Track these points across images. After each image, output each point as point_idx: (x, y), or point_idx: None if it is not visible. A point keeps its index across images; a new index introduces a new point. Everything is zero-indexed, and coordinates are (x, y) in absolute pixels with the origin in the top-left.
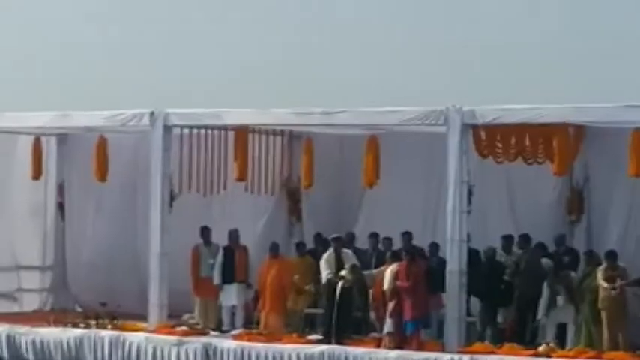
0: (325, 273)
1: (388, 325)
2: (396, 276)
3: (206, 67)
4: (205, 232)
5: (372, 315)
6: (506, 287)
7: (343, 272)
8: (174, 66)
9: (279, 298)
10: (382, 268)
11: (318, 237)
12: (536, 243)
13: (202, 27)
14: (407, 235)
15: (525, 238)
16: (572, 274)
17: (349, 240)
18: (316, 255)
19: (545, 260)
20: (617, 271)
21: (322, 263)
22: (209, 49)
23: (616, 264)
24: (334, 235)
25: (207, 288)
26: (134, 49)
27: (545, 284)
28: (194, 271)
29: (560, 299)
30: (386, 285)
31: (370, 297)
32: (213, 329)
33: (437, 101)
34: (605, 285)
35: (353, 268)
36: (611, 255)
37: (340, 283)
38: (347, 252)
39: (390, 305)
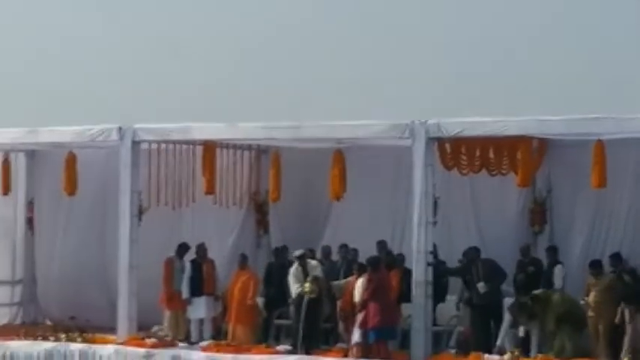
0: (294, 287)
1: (356, 335)
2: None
3: (174, 82)
4: (182, 248)
5: (341, 326)
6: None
7: (306, 285)
8: (142, 81)
9: (247, 309)
10: (349, 279)
11: (277, 251)
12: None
13: (170, 42)
14: (381, 244)
15: (475, 250)
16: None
17: (326, 253)
18: (271, 268)
19: (507, 299)
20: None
21: (290, 278)
22: (177, 64)
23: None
24: (298, 253)
25: (178, 301)
26: (102, 63)
27: (506, 312)
28: (167, 283)
29: (521, 330)
30: (357, 297)
31: (338, 308)
32: (182, 340)
33: (402, 115)
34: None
35: (314, 279)
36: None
37: (306, 297)
38: (311, 263)
39: (359, 316)
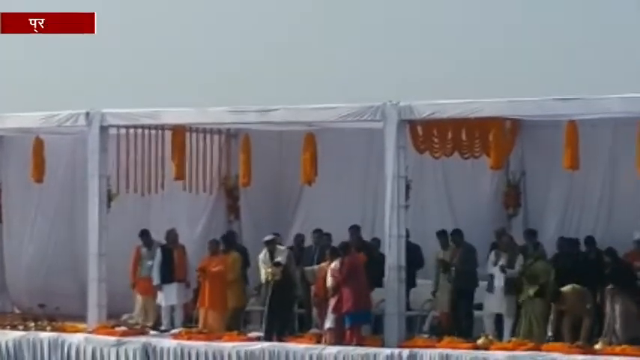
0: (262, 272)
1: (329, 321)
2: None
3: (142, 66)
4: (144, 235)
5: (314, 312)
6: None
7: (269, 270)
8: (109, 65)
9: (219, 295)
10: (323, 264)
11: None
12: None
13: (139, 26)
14: (354, 229)
15: (459, 234)
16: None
17: (299, 242)
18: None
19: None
20: None
21: (260, 264)
22: (146, 48)
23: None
24: (267, 239)
25: (147, 287)
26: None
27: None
28: (133, 270)
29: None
30: (329, 282)
31: (312, 293)
32: (153, 327)
33: (373, 97)
34: None
35: (276, 264)
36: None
37: (270, 281)
38: (280, 249)
39: (332, 301)
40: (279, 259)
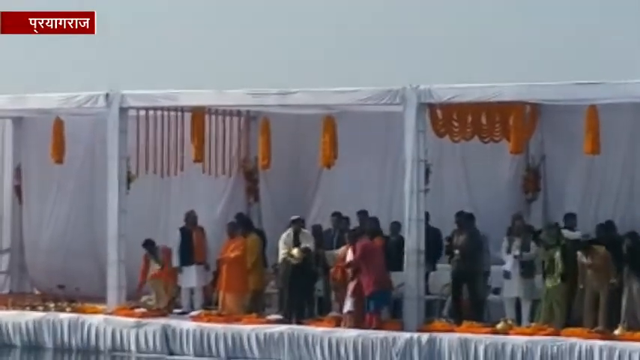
0: (281, 252)
1: (348, 304)
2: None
3: (162, 49)
4: (148, 244)
5: (333, 295)
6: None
7: (294, 251)
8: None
9: (237, 277)
10: (343, 248)
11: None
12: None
13: (159, 9)
14: (362, 214)
15: (465, 216)
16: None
17: (316, 231)
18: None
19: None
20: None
21: (280, 243)
22: (166, 31)
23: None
24: (294, 217)
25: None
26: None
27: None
28: (142, 277)
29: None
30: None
31: (330, 277)
32: (166, 309)
33: (393, 80)
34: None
35: (305, 249)
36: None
37: (289, 263)
38: (305, 232)
39: (351, 285)
40: (307, 245)
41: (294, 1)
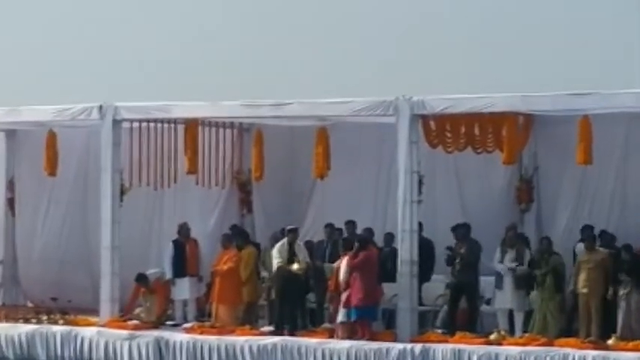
0: (275, 261)
1: (340, 315)
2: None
3: (155, 60)
4: (142, 279)
5: (331, 307)
6: None
7: (294, 267)
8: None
9: (231, 289)
10: (340, 260)
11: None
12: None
13: (150, 20)
14: (350, 224)
15: (467, 228)
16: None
17: (309, 247)
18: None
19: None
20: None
21: (274, 252)
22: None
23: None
24: (290, 227)
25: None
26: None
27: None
28: (130, 304)
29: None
30: (342, 276)
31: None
32: (157, 323)
33: (386, 92)
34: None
35: (305, 264)
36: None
37: (286, 273)
38: (300, 245)
39: (344, 296)
40: (301, 256)
41: (287, 13)
